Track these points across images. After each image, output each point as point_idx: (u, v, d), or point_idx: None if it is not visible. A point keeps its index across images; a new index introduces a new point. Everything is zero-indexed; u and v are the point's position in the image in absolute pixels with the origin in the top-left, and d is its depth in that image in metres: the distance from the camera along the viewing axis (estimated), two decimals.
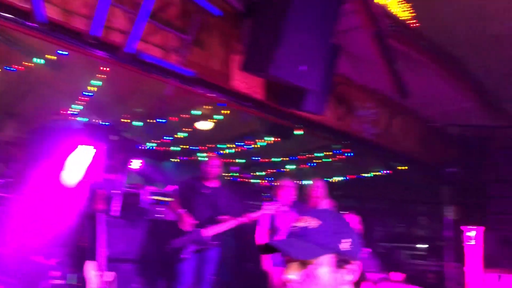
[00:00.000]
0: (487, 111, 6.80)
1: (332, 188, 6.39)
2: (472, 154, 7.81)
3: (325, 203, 5.30)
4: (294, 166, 10.38)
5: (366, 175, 9.41)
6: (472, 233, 5.33)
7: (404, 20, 4.97)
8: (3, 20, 3.24)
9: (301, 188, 5.86)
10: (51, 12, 3.35)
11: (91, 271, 4.29)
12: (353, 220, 5.08)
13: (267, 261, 5.07)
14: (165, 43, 4.09)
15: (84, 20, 3.55)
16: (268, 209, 5.04)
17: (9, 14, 3.25)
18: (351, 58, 5.52)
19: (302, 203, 5.58)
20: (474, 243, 5.35)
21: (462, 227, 5.49)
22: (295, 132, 6.61)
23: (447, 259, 6.54)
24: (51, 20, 3.33)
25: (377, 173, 9.99)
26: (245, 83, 4.77)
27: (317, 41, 3.86)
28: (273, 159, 9.57)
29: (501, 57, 5.52)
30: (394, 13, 4.90)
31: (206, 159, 5.44)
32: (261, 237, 5.19)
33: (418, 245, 8.19)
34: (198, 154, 8.57)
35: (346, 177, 10.52)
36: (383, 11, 4.70)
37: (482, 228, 5.44)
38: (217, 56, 4.55)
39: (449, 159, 7.91)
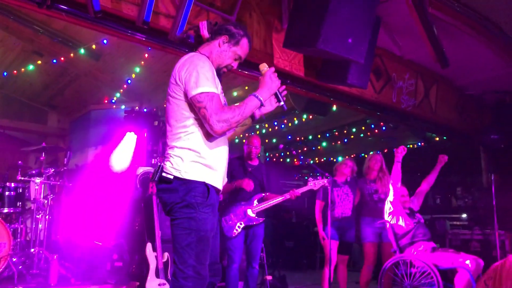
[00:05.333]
0: None
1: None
2: (510, 120, 7.67)
3: (384, 175, 5.33)
4: (326, 144, 10.42)
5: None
6: None
7: None
8: (61, 13, 3.33)
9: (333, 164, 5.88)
10: (102, 0, 3.43)
11: (152, 252, 4.44)
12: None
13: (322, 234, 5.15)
14: None
15: (133, 7, 3.62)
16: (313, 185, 5.06)
17: (65, 6, 3.34)
18: (389, 29, 5.47)
19: (358, 178, 5.62)
20: None
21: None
22: (333, 108, 6.60)
23: (491, 228, 6.50)
24: (103, 9, 3.41)
25: (412, 146, 9.95)
26: (286, 60, 4.80)
27: (361, 13, 3.85)
28: (309, 137, 9.58)
29: None
30: None
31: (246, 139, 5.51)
32: (318, 210, 5.28)
33: (459, 215, 8.15)
34: None
35: (379, 152, 10.52)
36: None
37: None
38: (258, 36, 4.59)
39: (487, 127, 7.80)
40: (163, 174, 2.40)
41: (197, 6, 3.95)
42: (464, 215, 7.94)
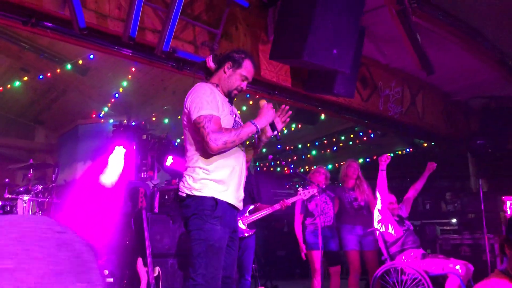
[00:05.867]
0: (509, 81, 6.77)
1: None
2: (496, 125, 7.77)
3: (362, 182, 5.34)
4: (315, 152, 10.47)
5: (390, 154, 9.45)
6: (508, 203, 5.36)
7: None
8: (46, 30, 3.33)
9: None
10: (88, 17, 3.43)
11: (142, 267, 4.41)
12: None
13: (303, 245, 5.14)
14: (196, 38, 4.16)
15: (119, 23, 3.63)
16: (302, 195, 5.08)
17: (50, 23, 3.34)
18: (374, 38, 5.54)
19: (333, 186, 5.63)
20: (510, 212, 5.38)
21: (503, 198, 5.50)
22: (322, 117, 6.65)
23: (480, 232, 6.56)
24: (88, 26, 3.41)
25: (401, 152, 10.03)
26: (272, 72, 4.84)
27: (346, 24, 3.90)
28: (298, 146, 9.62)
29: None
30: None
31: None
32: (297, 223, 5.27)
33: (449, 220, 8.21)
34: None
35: (368, 159, 10.60)
36: None
37: None
38: (245, 47, 4.61)
39: (473, 132, 7.90)
40: (179, 193, 2.75)
41: (183, 20, 3.97)
42: (454, 220, 7.99)
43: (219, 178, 2.67)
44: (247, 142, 2.99)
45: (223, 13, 4.18)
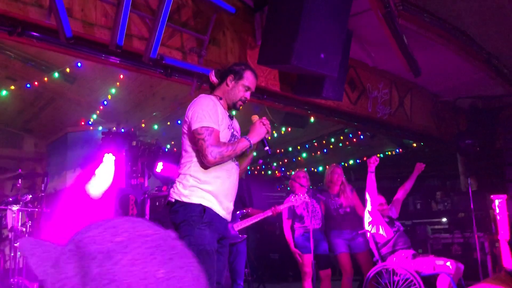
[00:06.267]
0: (495, 80, 6.85)
1: (346, 172, 6.44)
2: (483, 124, 7.86)
3: (346, 187, 5.37)
4: (306, 154, 10.49)
5: (380, 155, 9.51)
6: (497, 201, 5.41)
7: None
8: (32, 39, 3.31)
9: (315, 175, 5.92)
10: (74, 26, 3.42)
11: None
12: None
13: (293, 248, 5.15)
14: (183, 45, 4.16)
15: (106, 31, 3.62)
16: (293, 200, 5.08)
17: (36, 33, 3.32)
18: (362, 41, 5.58)
19: (318, 189, 5.66)
20: (498, 211, 5.43)
21: (492, 197, 5.56)
22: (311, 119, 6.67)
23: (470, 231, 6.62)
24: (75, 34, 3.40)
25: (391, 153, 10.09)
26: (261, 76, 4.85)
27: (333, 28, 3.92)
28: (289, 149, 9.63)
29: (504, 27, 5.60)
30: None
31: None
32: (286, 228, 5.27)
33: (439, 219, 8.27)
34: None
35: (358, 160, 10.65)
36: None
37: (505, 196, 5.52)
38: (233, 53, 4.62)
39: (462, 131, 7.98)
40: (168, 198, 2.83)
41: (170, 27, 3.97)
42: (445, 219, 8.06)
43: (209, 189, 2.75)
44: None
45: (210, 19, 4.18)
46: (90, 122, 6.93)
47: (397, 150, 10.10)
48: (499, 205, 5.53)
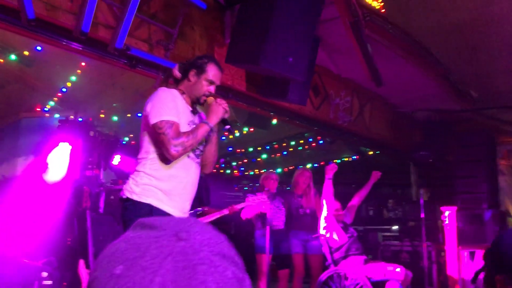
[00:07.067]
0: (451, 96, 7.11)
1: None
2: (437, 137, 8.15)
3: (310, 191, 5.46)
4: (266, 156, 10.55)
5: (337, 161, 9.69)
6: (447, 213, 5.63)
7: (376, 10, 5.14)
8: None
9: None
10: (37, 8, 3.29)
11: (84, 269, 4.26)
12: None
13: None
14: (151, 37, 4.08)
15: (71, 16, 3.50)
16: (252, 200, 5.10)
17: None
18: (328, 48, 5.66)
19: (284, 190, 5.72)
20: (448, 222, 5.65)
21: (441, 208, 5.78)
22: (273, 121, 6.71)
23: (419, 239, 6.84)
24: (38, 17, 3.27)
25: (347, 159, 10.30)
26: (228, 75, 4.83)
27: (302, 32, 3.96)
28: (249, 149, 9.65)
29: (463, 44, 5.82)
30: (367, 3, 5.07)
31: None
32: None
33: (390, 227, 8.52)
34: None
35: (316, 164, 10.80)
36: (358, 1, 4.85)
37: (455, 208, 5.75)
38: (200, 49, 4.58)
39: (417, 143, 8.24)
40: (121, 194, 2.75)
41: (138, 18, 3.88)
42: (395, 227, 8.30)
43: (163, 187, 2.68)
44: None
45: (179, 13, 4.13)
46: (46, 109, 6.68)
47: (354, 157, 10.31)
48: (449, 216, 5.75)
